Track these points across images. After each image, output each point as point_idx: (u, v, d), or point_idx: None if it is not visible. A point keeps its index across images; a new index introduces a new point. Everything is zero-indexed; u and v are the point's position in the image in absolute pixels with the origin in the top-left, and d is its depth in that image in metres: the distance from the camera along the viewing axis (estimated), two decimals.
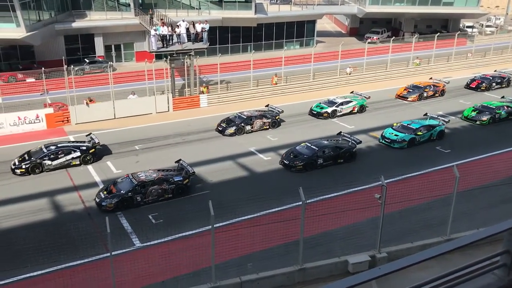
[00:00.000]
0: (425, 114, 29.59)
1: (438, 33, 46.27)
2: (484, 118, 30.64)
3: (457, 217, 16.44)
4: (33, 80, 37.00)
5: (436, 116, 29.31)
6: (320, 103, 32.57)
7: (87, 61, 42.17)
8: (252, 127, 29.08)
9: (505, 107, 31.45)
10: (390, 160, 25.42)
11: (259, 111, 30.83)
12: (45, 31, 40.30)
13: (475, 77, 39.73)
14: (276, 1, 58.71)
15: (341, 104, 32.19)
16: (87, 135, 26.46)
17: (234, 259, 15.74)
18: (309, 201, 15.23)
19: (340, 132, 27.12)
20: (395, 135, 27.07)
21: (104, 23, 44.34)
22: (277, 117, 30.36)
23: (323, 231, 17.11)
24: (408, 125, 27.72)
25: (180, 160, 22.91)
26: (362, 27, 60.45)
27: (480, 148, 26.50)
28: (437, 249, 3.85)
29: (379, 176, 14.93)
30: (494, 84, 38.66)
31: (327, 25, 68.29)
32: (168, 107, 33.32)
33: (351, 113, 32.18)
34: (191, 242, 17.44)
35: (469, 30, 59.33)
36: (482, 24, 62.20)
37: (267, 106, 31.77)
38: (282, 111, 30.78)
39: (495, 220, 15.32)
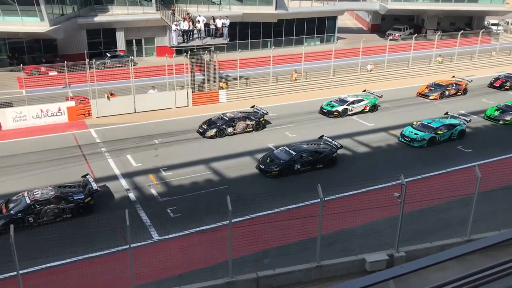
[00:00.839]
0: (446, 113, 29.11)
1: (462, 31, 45.45)
2: (508, 118, 30.07)
3: (478, 217, 16.16)
4: (56, 73, 37.56)
5: (457, 115, 28.81)
6: (331, 101, 32.08)
7: (109, 55, 42.63)
8: (234, 129, 28.10)
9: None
10: (411, 159, 25.12)
11: (243, 112, 29.70)
12: (68, 25, 40.84)
13: (499, 75, 38.96)
14: None
15: (352, 102, 31.53)
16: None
17: (250, 254, 15.77)
18: (327, 198, 15.14)
19: (322, 136, 25.47)
20: (415, 133, 26.71)
21: (125, 17, 44.75)
22: (261, 119, 29.09)
23: (341, 229, 17.00)
24: (429, 124, 27.32)
25: (87, 175, 20.93)
26: (383, 24, 59.78)
27: (503, 148, 26.00)
28: (458, 249, 3.79)
29: (398, 175, 14.75)
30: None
31: (348, 22, 67.69)
32: (188, 102, 33.48)
33: (362, 112, 31.57)
34: (208, 237, 17.52)
35: (494, 27, 58.16)
36: (508, 22, 60.89)
37: (252, 107, 30.52)
38: (267, 112, 29.75)
39: None
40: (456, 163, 24.19)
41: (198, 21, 33.34)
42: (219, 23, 34.25)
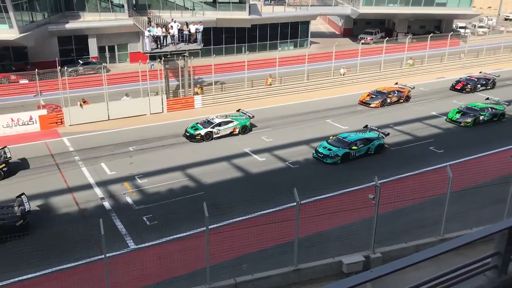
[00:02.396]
0: (365, 126, 27.64)
1: (431, 34, 46.51)
2: (469, 120, 30.47)
3: (451, 217, 16.52)
4: (26, 81, 36.84)
5: (376, 129, 27.15)
6: (196, 123, 28.82)
7: (81, 62, 42.09)
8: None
9: (490, 109, 31.35)
10: (384, 161, 25.48)
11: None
12: (38, 32, 40.15)
13: (460, 78, 39.71)
14: (270, 2, 58.77)
15: (219, 125, 28.40)
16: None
17: (228, 260, 15.76)
18: (304, 201, 15.25)
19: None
20: (329, 149, 25.16)
21: (97, 24, 44.25)
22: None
23: (318, 231, 17.16)
24: (344, 139, 25.73)
25: (22, 194, 19.61)
26: (355, 28, 60.66)
27: (472, 148, 26.64)
28: (433, 250, 3.87)
29: (372, 177, 14.99)
30: (479, 85, 38.52)
31: (321, 26, 68.44)
32: (162, 108, 33.29)
33: (231, 134, 28.61)
34: (185, 244, 17.42)
35: (462, 30, 59.68)
36: (475, 25, 62.58)
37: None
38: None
39: (487, 220, 15.44)
40: (428, 163, 24.66)
41: (172, 26, 33.24)
42: (192, 28, 34.23)
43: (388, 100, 34.86)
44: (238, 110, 30.80)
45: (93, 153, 26.31)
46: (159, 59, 34.06)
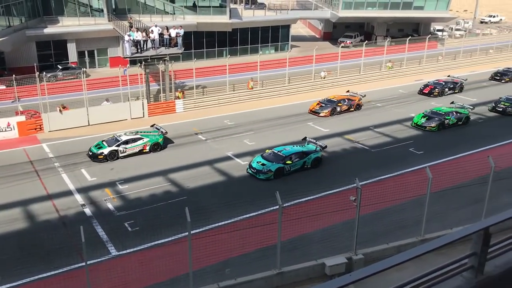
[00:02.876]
0: (304, 138, 26.82)
1: (410, 37, 47.18)
2: (433, 124, 30.29)
3: (431, 217, 16.78)
4: (4, 87, 36.16)
5: (314, 141, 26.21)
6: (102, 140, 26.62)
7: (60, 67, 41.58)
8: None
9: (454, 113, 31.31)
10: (365, 162, 25.71)
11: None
12: (15, 37, 39.53)
13: (428, 82, 39.80)
14: (251, 6, 58.93)
15: (126, 142, 26.34)
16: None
17: (212, 265, 15.71)
18: (286, 204, 15.31)
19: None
20: (262, 164, 23.86)
21: (76, 29, 43.77)
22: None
23: (300, 234, 17.24)
24: (279, 152, 24.47)
25: None
26: (335, 32, 61.20)
27: (452, 149, 27.07)
28: (414, 250, 3.92)
29: (354, 179, 15.14)
30: (447, 89, 38.73)
31: (301, 30, 68.86)
32: (143, 112, 33.07)
33: (140, 152, 26.61)
34: (168, 249, 17.32)
35: (439, 33, 60.69)
36: (452, 28, 63.70)
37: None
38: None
39: (467, 220, 15.69)
40: (408, 164, 24.98)
41: (152, 31, 33.09)
42: (173, 33, 34.13)
43: (338, 109, 33.61)
44: (152, 125, 29.07)
45: (73, 159, 25.99)
46: (139, 64, 33.86)
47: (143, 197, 21.79)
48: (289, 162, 24.01)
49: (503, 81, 42.58)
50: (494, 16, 75.60)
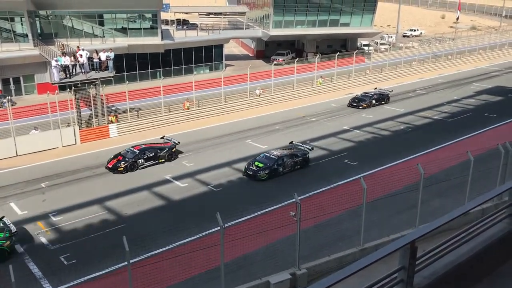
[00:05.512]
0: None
1: (338, 52, 49.02)
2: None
3: (369, 226, 17.30)
4: None
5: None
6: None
7: None
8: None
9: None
10: (303, 176, 26.16)
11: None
12: None
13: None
14: (183, 27, 58.92)
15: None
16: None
17: None
18: (227, 225, 15.23)
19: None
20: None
21: None
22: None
23: (244, 253, 17.15)
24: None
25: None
26: (268, 50, 62.41)
27: (384, 159, 28.16)
28: (358, 263, 3.91)
29: (293, 193, 15.34)
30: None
31: (235, 49, 69.66)
32: (75, 139, 31.89)
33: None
34: (107, 281, 16.64)
35: (366, 48, 63.57)
36: (377, 42, 66.92)
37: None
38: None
39: (403, 226, 16.25)
40: (344, 176, 25.70)
41: (80, 55, 32.17)
42: (103, 56, 33.38)
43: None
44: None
45: (1, 192, 24.47)
46: (69, 89, 32.71)
47: (79, 228, 20.87)
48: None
49: (360, 107, 39.44)
50: (415, 30, 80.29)
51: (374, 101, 40.02)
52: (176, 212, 22.41)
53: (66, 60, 31.65)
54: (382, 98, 40.87)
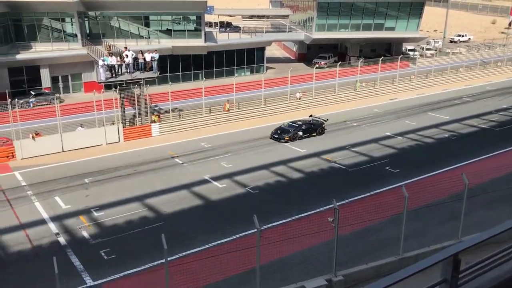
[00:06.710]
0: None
1: (382, 57, 48.15)
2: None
3: (409, 235, 16.87)
4: None
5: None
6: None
7: (33, 93, 40.95)
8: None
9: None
10: (342, 182, 25.83)
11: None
12: None
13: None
14: (226, 29, 59.47)
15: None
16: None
17: None
18: (264, 227, 15.20)
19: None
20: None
21: (50, 54, 43.36)
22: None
23: (279, 257, 17.08)
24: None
25: None
26: (310, 53, 62.09)
27: (427, 167, 27.42)
28: (397, 275, 3.78)
29: (332, 199, 15.14)
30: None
31: (276, 52, 69.71)
32: (119, 137, 32.70)
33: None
34: (144, 277, 16.93)
35: (411, 53, 62.16)
36: (423, 47, 65.35)
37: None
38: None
39: (444, 237, 15.74)
40: (385, 183, 25.16)
41: (126, 55, 33.00)
42: (148, 57, 34.10)
43: None
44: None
45: (47, 186, 25.41)
46: (114, 88, 33.63)
47: (119, 224, 21.36)
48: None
49: (282, 140, 31.97)
50: (462, 36, 77.94)
51: (300, 133, 32.53)
52: (213, 212, 22.56)
53: (113, 60, 32.54)
54: (313, 128, 33.30)
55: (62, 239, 20.09)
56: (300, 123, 33.68)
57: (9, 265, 18.18)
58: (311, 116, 35.64)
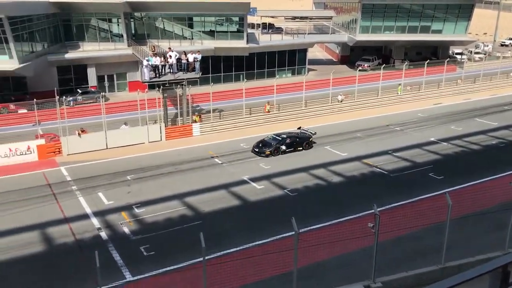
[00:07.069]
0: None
1: (428, 60, 46.92)
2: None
3: (452, 244, 16.30)
4: (25, 111, 36.96)
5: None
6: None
7: (80, 91, 42.33)
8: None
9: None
10: (383, 187, 25.30)
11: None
12: (37, 62, 40.53)
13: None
14: (268, 30, 59.55)
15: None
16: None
17: None
18: (302, 230, 15.05)
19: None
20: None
21: (97, 53, 44.73)
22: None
23: (317, 261, 16.88)
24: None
25: None
26: (353, 55, 61.33)
27: (472, 175, 26.48)
28: (439, 284, 3.64)
29: (372, 204, 14.82)
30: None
31: (318, 53, 69.23)
32: (161, 136, 33.30)
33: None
34: (183, 275, 17.12)
35: (459, 56, 60.29)
36: (471, 51, 63.27)
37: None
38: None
39: (489, 247, 15.10)
40: (427, 190, 24.46)
41: (170, 56, 33.57)
42: (190, 57, 34.56)
43: None
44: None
45: (91, 182, 26.17)
46: (157, 88, 34.30)
47: (159, 221, 21.71)
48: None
49: (262, 154, 29.87)
50: None
51: (284, 147, 30.35)
52: (251, 213, 22.58)
53: (156, 60, 33.19)
54: (299, 142, 31.08)
55: (103, 234, 20.61)
56: (285, 136, 31.05)
57: (53, 257, 18.79)
58: (299, 128, 32.92)
